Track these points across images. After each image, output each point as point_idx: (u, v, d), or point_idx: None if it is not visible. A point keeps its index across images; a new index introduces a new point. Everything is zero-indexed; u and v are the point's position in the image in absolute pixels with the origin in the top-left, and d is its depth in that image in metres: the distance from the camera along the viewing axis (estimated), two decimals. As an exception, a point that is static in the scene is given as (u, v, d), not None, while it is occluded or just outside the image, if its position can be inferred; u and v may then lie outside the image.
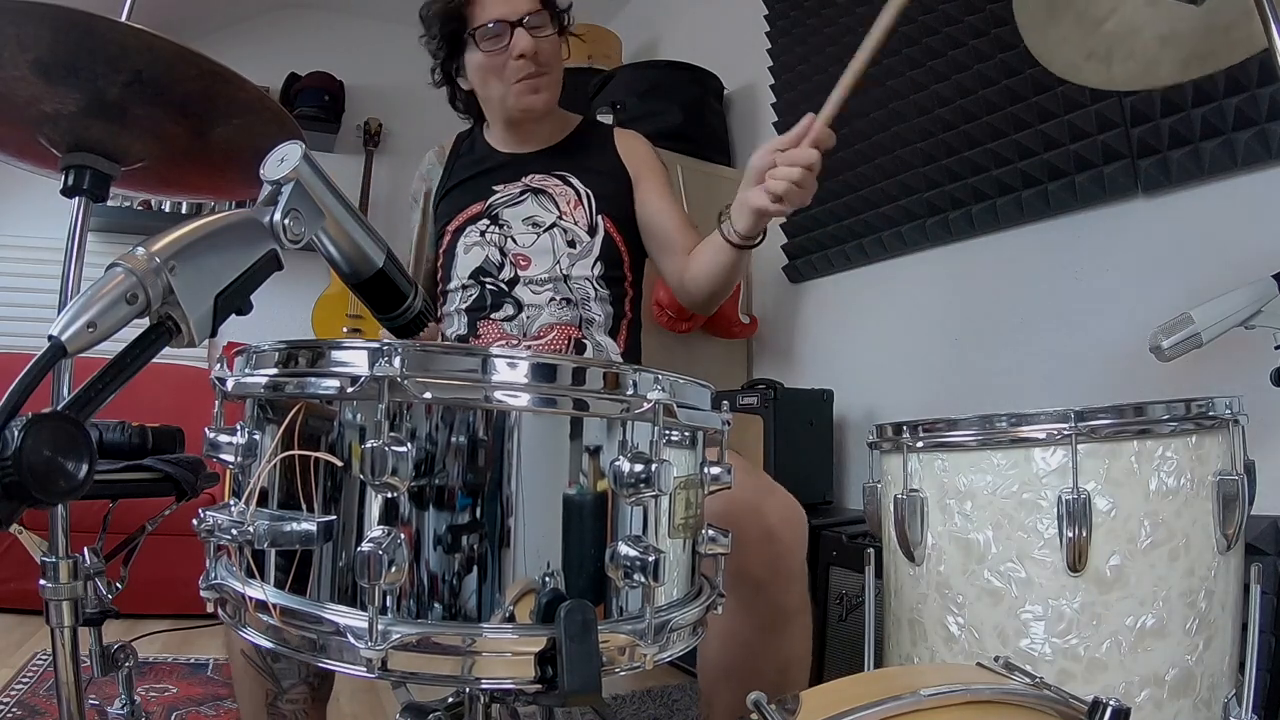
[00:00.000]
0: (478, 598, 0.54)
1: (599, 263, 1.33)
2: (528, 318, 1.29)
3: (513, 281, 1.31)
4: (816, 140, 0.97)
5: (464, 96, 1.41)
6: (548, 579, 0.55)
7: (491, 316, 1.31)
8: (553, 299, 1.30)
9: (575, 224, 1.33)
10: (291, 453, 0.57)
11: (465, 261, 1.34)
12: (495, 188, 1.37)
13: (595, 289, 1.32)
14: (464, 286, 1.34)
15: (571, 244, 1.32)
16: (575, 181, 1.36)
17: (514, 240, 1.32)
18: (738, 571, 0.71)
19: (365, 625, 0.51)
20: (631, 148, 1.43)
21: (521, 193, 1.35)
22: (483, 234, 1.34)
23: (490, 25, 1.24)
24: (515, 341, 1.29)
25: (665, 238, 1.34)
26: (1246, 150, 1.37)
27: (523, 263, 1.31)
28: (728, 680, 1.06)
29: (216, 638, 2.06)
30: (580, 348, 1.30)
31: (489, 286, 1.32)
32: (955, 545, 0.90)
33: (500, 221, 1.34)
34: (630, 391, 0.58)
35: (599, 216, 1.34)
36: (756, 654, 1.03)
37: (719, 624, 0.69)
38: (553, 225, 1.33)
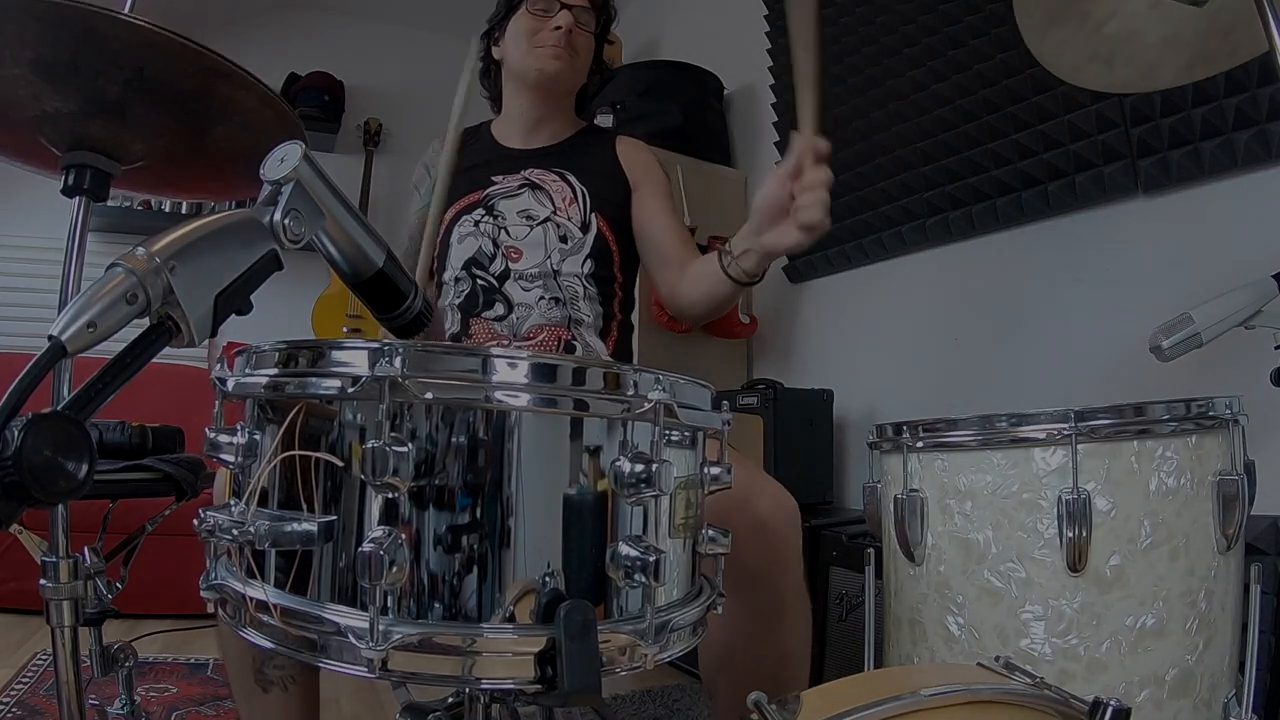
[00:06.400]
0: (478, 598, 0.54)
1: (589, 260, 1.34)
2: (518, 318, 1.31)
3: (503, 276, 1.32)
4: (819, 154, 0.95)
5: (493, 70, 1.46)
6: (548, 579, 0.55)
7: (483, 315, 1.32)
8: (542, 297, 1.31)
9: (569, 220, 1.34)
10: (292, 453, 0.57)
11: (458, 251, 1.35)
12: (494, 179, 1.38)
13: (584, 287, 1.33)
14: (456, 279, 1.35)
15: (564, 239, 1.33)
16: (572, 179, 1.37)
17: (507, 232, 1.34)
18: (732, 562, 0.71)
19: (366, 625, 0.51)
20: (632, 155, 1.43)
21: (519, 186, 1.37)
22: (476, 224, 1.35)
23: None
24: (506, 341, 1.30)
25: (662, 250, 1.35)
26: (1246, 150, 1.37)
27: (514, 255, 1.32)
28: (728, 671, 1.06)
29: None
30: (570, 349, 1.30)
31: (480, 281, 1.33)
32: (955, 545, 0.90)
33: (495, 212, 1.35)
34: (631, 392, 0.58)
35: (592, 214, 1.35)
36: (756, 644, 1.03)
37: (717, 615, 0.69)
38: (546, 220, 1.34)
